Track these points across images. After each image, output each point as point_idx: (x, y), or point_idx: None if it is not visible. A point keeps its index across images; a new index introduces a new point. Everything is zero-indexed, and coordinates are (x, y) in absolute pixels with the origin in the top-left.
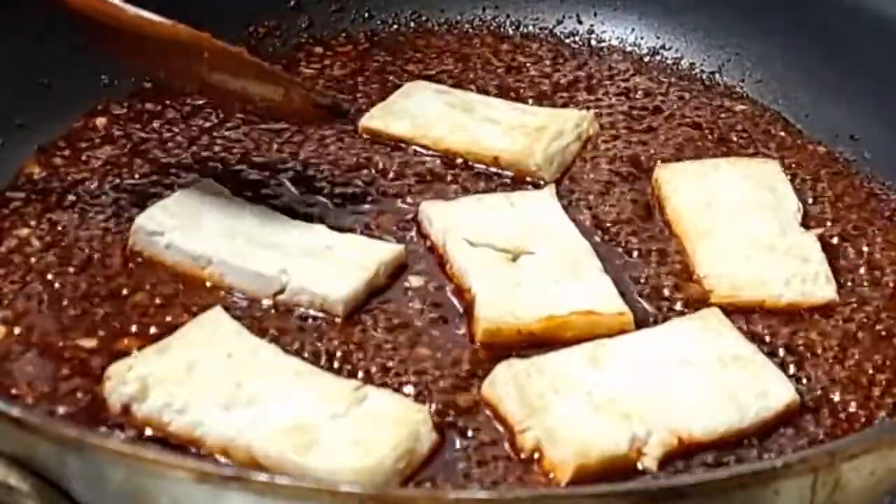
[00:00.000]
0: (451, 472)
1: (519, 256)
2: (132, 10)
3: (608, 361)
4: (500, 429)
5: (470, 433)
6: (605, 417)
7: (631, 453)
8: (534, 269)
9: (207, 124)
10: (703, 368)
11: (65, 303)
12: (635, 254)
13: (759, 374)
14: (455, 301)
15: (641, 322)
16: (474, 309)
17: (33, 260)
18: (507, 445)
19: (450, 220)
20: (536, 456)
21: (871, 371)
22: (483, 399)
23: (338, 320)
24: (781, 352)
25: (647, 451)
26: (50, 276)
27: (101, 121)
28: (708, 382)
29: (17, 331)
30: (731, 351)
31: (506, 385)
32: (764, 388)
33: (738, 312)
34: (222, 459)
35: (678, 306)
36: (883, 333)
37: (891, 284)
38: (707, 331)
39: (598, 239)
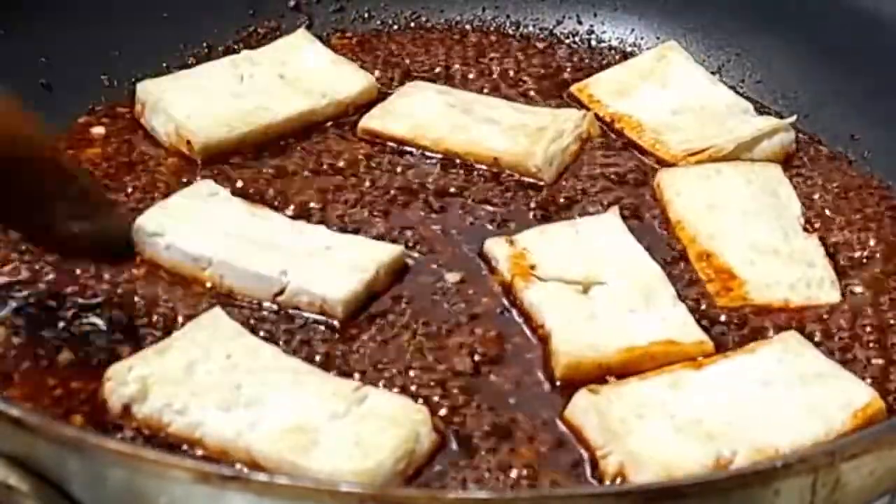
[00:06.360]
0: (450, 472)
1: (590, 287)
2: None
3: (690, 385)
4: (499, 428)
5: (469, 433)
6: (689, 438)
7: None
8: (607, 300)
9: None
10: (785, 387)
11: (64, 303)
12: None
13: (843, 387)
14: (454, 303)
15: None
16: (551, 345)
17: (31, 260)
18: (506, 445)
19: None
20: (619, 480)
21: (875, 372)
22: (565, 424)
23: (337, 322)
24: None
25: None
26: (49, 276)
27: (101, 120)
28: (791, 399)
29: (16, 331)
30: (812, 369)
31: (586, 413)
32: (848, 399)
33: (740, 315)
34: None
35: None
36: (887, 335)
37: (894, 285)
38: (787, 352)
39: None
